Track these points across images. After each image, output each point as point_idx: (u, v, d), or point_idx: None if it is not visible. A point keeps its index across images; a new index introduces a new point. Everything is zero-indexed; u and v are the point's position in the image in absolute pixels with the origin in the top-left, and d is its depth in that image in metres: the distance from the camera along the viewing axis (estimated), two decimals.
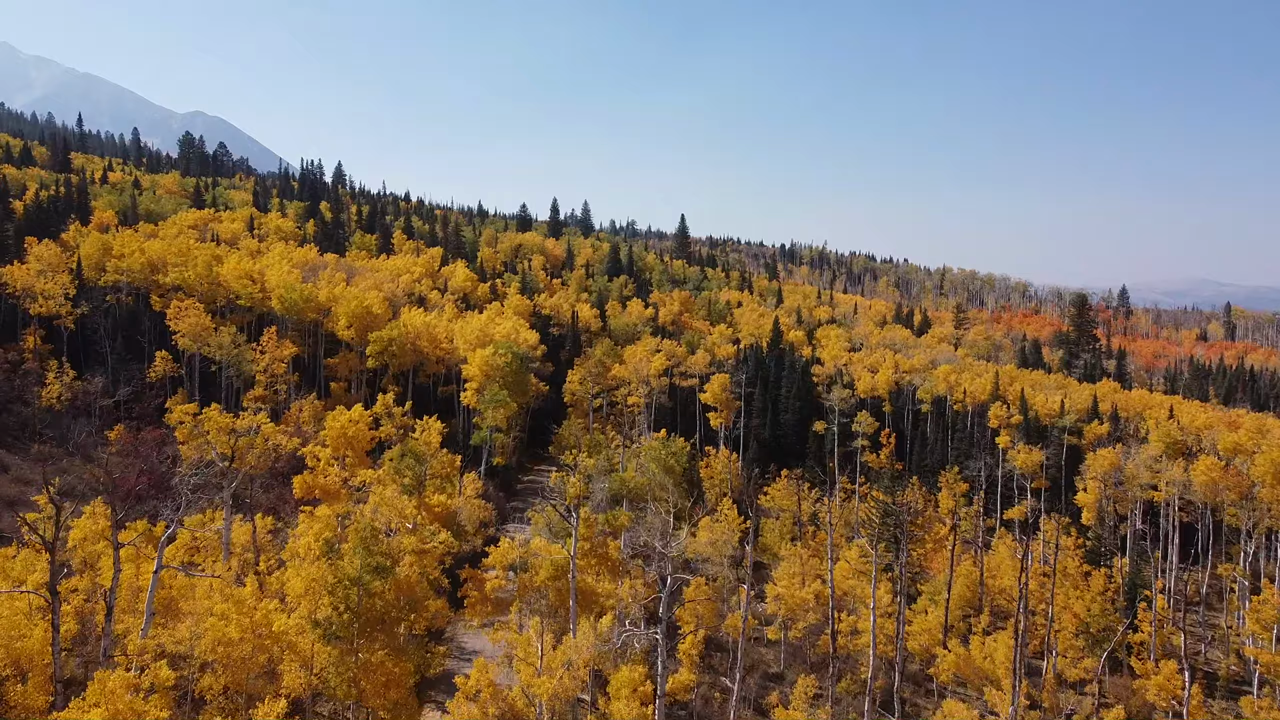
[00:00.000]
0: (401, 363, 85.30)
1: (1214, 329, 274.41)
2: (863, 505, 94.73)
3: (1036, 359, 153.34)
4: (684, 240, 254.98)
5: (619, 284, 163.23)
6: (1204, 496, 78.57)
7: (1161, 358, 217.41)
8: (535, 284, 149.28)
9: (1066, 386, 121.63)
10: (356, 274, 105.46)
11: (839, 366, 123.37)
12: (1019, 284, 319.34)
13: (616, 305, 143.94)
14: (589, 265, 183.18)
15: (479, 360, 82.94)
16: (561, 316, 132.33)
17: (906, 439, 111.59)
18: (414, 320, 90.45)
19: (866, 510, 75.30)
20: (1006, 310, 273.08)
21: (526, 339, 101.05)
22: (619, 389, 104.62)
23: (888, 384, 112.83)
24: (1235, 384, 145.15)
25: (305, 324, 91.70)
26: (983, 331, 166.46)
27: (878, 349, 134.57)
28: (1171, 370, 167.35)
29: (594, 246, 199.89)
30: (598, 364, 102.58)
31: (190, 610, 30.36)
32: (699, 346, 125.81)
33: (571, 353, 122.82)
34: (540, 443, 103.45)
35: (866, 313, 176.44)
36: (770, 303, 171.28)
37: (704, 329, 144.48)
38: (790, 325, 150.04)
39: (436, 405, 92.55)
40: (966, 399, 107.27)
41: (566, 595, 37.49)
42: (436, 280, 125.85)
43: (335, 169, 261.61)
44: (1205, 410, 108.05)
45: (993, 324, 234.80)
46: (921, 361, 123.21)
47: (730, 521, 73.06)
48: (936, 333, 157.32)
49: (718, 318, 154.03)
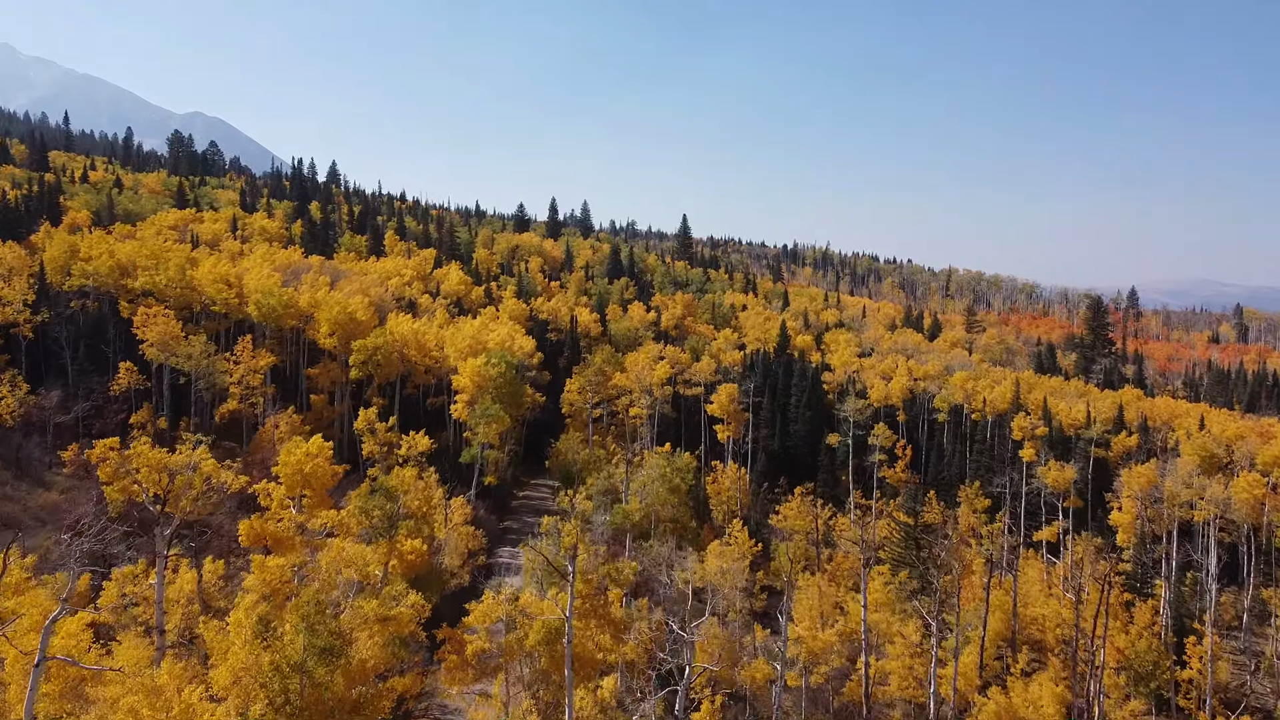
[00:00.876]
0: (387, 373, 79.58)
1: (1225, 330, 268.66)
2: (881, 522, 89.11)
3: (1052, 363, 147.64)
4: (686, 241, 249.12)
5: (620, 287, 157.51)
6: (1247, 516, 72.89)
7: (1176, 360, 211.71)
8: (532, 287, 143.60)
9: (1088, 394, 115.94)
10: (343, 277, 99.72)
11: (850, 373, 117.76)
12: (1026, 285, 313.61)
13: (617, 309, 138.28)
14: (589, 267, 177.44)
15: (470, 371, 77.28)
16: (560, 321, 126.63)
17: (922, 450, 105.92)
18: (401, 327, 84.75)
19: (888, 529, 69.65)
20: (1015, 312, 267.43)
21: (522, 346, 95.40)
22: (620, 398, 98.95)
23: (902, 392, 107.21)
24: (1259, 390, 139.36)
25: (285, 332, 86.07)
26: (995, 335, 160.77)
27: (889, 354, 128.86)
28: (1190, 375, 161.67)
29: (593, 248, 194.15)
30: (597, 372, 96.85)
31: (98, 697, 24.83)
32: (703, 353, 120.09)
33: (570, 359, 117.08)
34: (536, 456, 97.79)
35: (875, 316, 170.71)
36: (776, 305, 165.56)
37: (708, 333, 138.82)
38: (797, 329, 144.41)
39: (426, 418, 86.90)
40: (986, 409, 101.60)
41: (560, 660, 31.87)
42: (428, 283, 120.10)
43: (330, 168, 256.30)
44: (1235, 420, 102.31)
45: (1001, 326, 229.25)
46: (936, 367, 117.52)
47: (741, 544, 67.49)
48: (949, 336, 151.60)
49: (722, 321, 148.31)
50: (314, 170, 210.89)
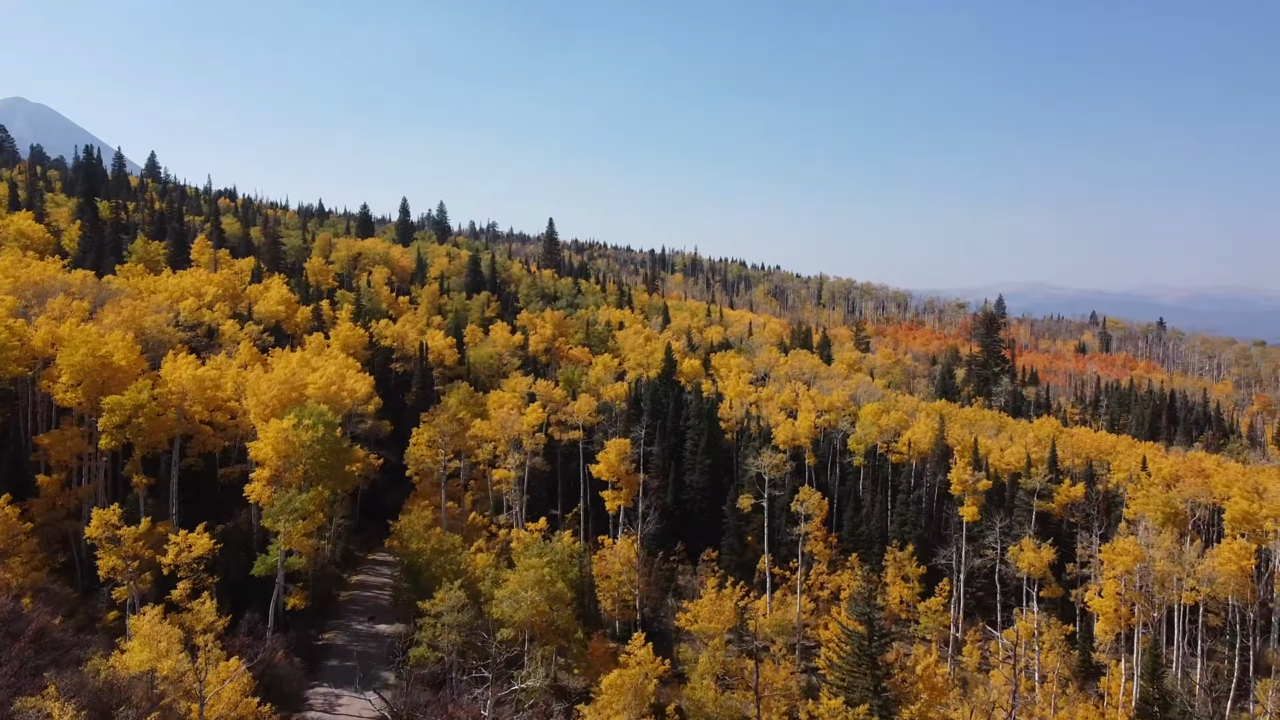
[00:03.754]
0: (154, 440, 57.66)
1: (1088, 339, 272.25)
2: (824, 623, 73.96)
3: (952, 385, 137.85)
4: (552, 245, 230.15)
5: (480, 303, 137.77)
6: (1234, 593, 61.26)
7: (1051, 372, 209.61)
8: (375, 304, 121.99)
9: (1005, 426, 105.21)
10: (110, 299, 76.12)
11: (746, 405, 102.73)
12: (897, 294, 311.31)
13: (477, 330, 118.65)
14: (444, 278, 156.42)
15: (273, 437, 56.73)
16: (408, 348, 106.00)
17: (834, 497, 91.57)
18: (180, 373, 62.84)
19: (834, 644, 53.85)
20: (890, 323, 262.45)
21: (355, 390, 74.97)
22: (482, 447, 79.75)
23: (809, 431, 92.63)
24: (1160, 410, 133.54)
25: (15, 384, 62.61)
26: (890, 355, 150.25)
27: (787, 383, 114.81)
28: (1080, 392, 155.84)
29: (450, 255, 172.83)
30: (452, 420, 77.48)
31: None
32: (580, 385, 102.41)
33: (421, 397, 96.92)
34: (377, 520, 77.56)
35: (761, 332, 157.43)
36: (655, 323, 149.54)
37: (583, 357, 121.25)
38: (682, 350, 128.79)
39: (220, 495, 65.30)
40: (911, 451, 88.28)
41: None
42: (239, 304, 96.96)
43: (149, 160, 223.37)
44: (1175, 457, 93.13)
45: (878, 337, 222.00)
46: (841, 397, 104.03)
47: (645, 665, 50.46)
48: (843, 358, 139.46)
49: (598, 343, 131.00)
50: (121, 163, 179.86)
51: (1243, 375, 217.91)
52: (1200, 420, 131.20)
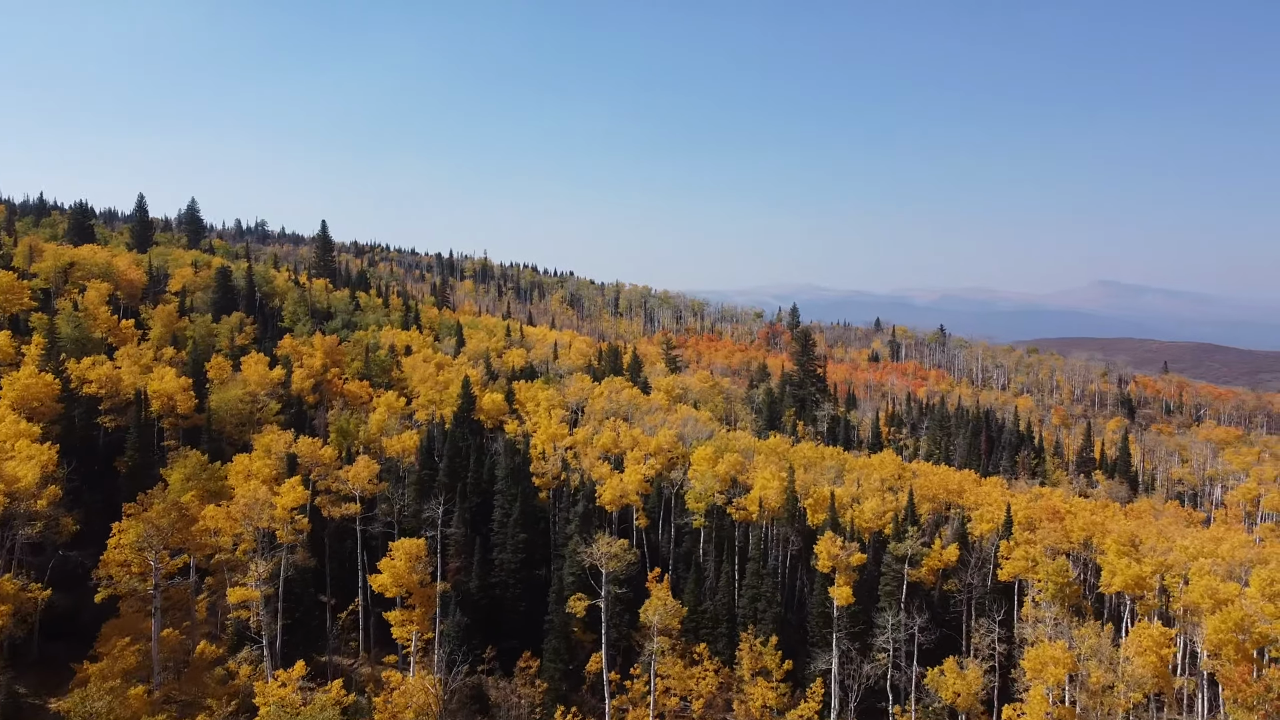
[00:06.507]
0: None
1: (878, 346, 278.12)
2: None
3: (777, 414, 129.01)
4: (326, 249, 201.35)
5: (231, 326, 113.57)
6: (1154, 686, 52.83)
7: (852, 385, 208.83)
8: (86, 331, 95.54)
9: (845, 465, 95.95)
10: None
11: (561, 451, 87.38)
12: (695, 303, 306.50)
13: (225, 364, 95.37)
14: (187, 293, 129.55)
15: None
16: (123, 394, 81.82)
17: (667, 562, 77.95)
18: None
19: None
20: (691, 334, 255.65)
21: (17, 475, 52.43)
22: (220, 542, 59.03)
23: (639, 486, 78.66)
24: (978, 430, 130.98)
25: None
26: (707, 377, 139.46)
27: (604, 420, 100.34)
28: (893, 411, 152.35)
29: (198, 264, 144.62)
30: (172, 509, 56.31)
31: None
32: (357, 438, 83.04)
33: (138, 463, 73.82)
34: (71, 643, 55.29)
35: (567, 352, 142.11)
36: (449, 345, 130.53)
37: (362, 394, 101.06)
38: (480, 380, 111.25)
39: None
40: (763, 513, 76.16)
41: None
42: None
43: None
44: (1018, 496, 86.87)
45: (681, 349, 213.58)
46: (668, 438, 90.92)
47: None
48: (661, 384, 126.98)
49: (380, 373, 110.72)
50: None
51: (1026, 382, 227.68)
52: (1013, 440, 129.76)
